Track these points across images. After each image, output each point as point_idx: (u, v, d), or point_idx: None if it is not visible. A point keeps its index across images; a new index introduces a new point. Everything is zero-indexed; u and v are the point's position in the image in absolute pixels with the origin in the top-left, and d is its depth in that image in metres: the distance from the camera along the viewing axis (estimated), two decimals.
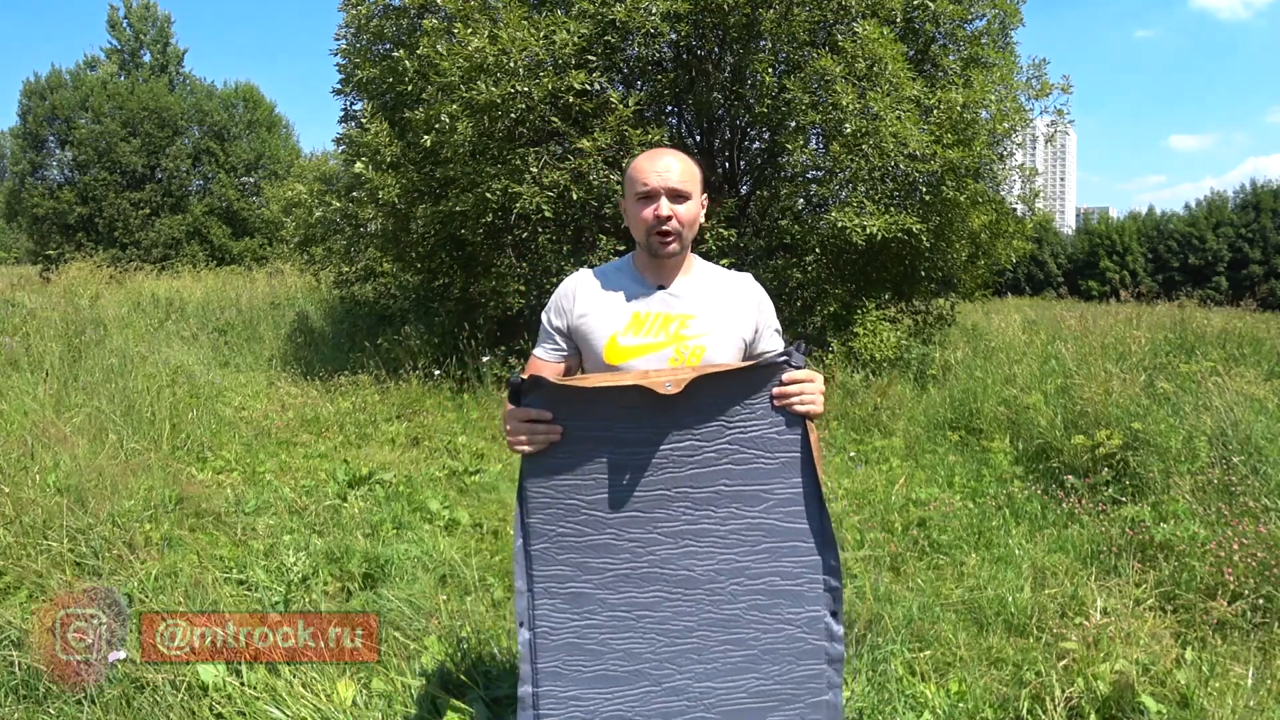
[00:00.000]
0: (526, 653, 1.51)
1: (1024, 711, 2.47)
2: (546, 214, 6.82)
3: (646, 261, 1.67)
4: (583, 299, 1.67)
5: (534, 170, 6.90)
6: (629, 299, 1.66)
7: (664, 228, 1.59)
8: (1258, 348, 7.60)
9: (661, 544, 1.49)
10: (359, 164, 7.49)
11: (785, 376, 1.47)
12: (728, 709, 1.50)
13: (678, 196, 1.60)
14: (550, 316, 1.71)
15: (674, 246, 1.61)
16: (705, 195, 1.69)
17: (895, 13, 7.61)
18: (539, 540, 1.50)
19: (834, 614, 1.50)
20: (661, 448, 1.48)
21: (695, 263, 1.72)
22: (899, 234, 7.14)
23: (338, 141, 9.02)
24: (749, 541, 1.49)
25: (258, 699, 2.31)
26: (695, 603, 1.49)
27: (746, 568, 1.49)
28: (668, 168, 1.60)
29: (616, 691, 1.50)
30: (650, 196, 1.59)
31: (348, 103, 8.99)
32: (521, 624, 1.51)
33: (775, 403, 1.47)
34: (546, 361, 1.72)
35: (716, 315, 1.65)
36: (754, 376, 1.48)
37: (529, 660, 1.51)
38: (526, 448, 1.48)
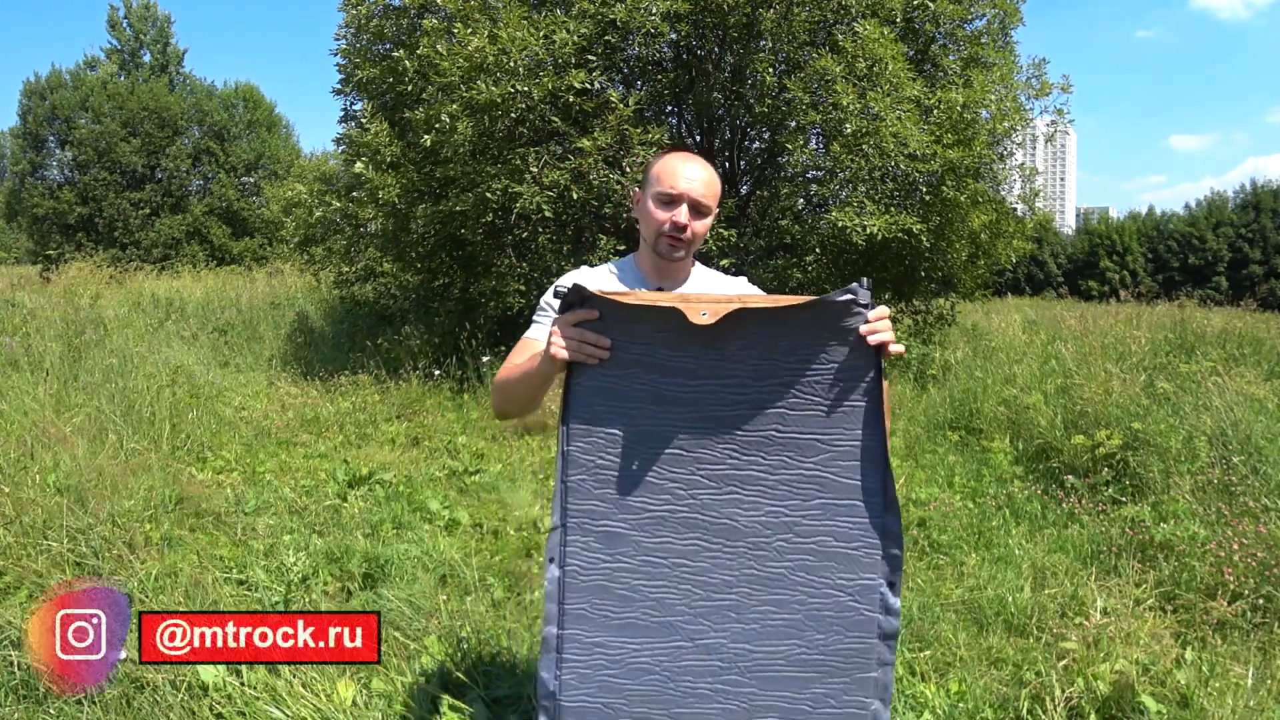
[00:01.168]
0: (554, 591, 1.41)
1: (1024, 711, 2.47)
2: (546, 214, 6.82)
3: (649, 263, 1.67)
4: None
5: (534, 170, 6.90)
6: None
7: (678, 235, 1.60)
8: (1258, 348, 7.60)
9: (704, 488, 1.38)
10: (359, 164, 7.50)
11: (872, 315, 1.32)
12: (764, 675, 1.39)
13: (698, 210, 1.60)
14: (552, 301, 1.66)
15: (681, 253, 1.63)
16: (717, 211, 1.70)
17: (895, 13, 7.61)
18: (576, 471, 1.40)
19: (891, 585, 1.37)
20: (709, 381, 1.35)
21: (695, 267, 1.74)
22: (899, 234, 7.14)
23: (338, 141, 9.03)
24: (800, 495, 1.37)
25: (258, 699, 2.31)
26: (736, 555, 1.38)
27: (796, 523, 1.37)
28: (696, 177, 1.59)
29: (645, 643, 1.40)
30: (673, 201, 1.59)
31: (348, 103, 9.00)
32: (551, 560, 1.41)
33: (865, 337, 1.32)
34: (541, 341, 1.61)
35: None
36: (814, 314, 1.32)
37: (556, 600, 1.41)
38: (578, 357, 1.36)
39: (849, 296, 1.31)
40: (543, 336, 1.59)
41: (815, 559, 1.37)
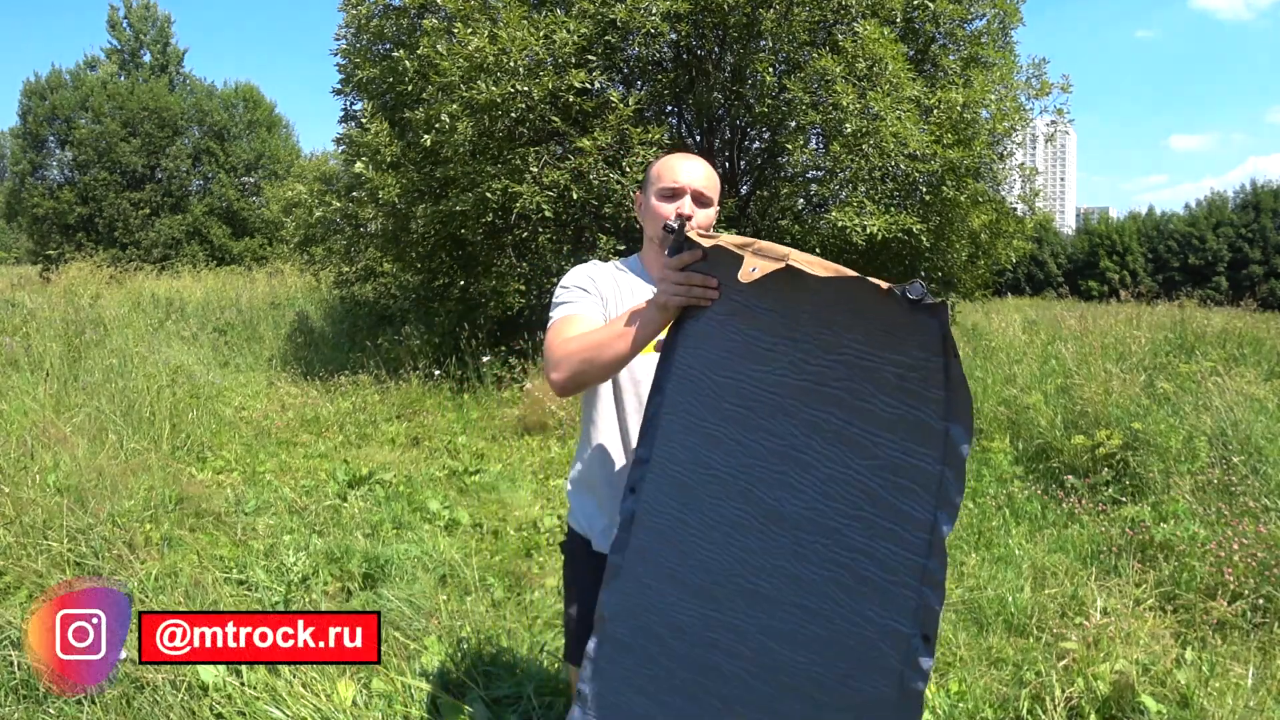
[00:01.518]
0: (626, 520, 1.38)
1: (1024, 711, 2.47)
2: (546, 214, 6.82)
3: (654, 260, 1.68)
4: (601, 285, 1.67)
5: (534, 170, 6.90)
6: (637, 294, 1.67)
7: None
8: (1258, 348, 7.60)
9: (763, 459, 1.26)
10: (359, 164, 7.50)
11: None
12: (780, 681, 1.26)
13: (701, 200, 1.64)
14: (581, 283, 1.66)
15: None
16: (718, 209, 1.72)
17: (895, 13, 7.62)
18: (670, 411, 1.34)
19: (925, 639, 1.17)
20: (783, 340, 1.24)
21: None
22: (899, 234, 7.14)
23: (338, 141, 9.04)
24: (848, 500, 1.19)
25: (258, 699, 2.31)
26: (779, 545, 1.25)
27: (838, 531, 1.20)
28: (697, 171, 1.65)
29: (685, 601, 1.33)
30: (675, 195, 1.63)
31: (348, 103, 9.01)
32: (632, 490, 1.38)
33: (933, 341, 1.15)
34: (587, 317, 1.58)
35: None
36: (870, 296, 1.15)
37: (627, 528, 1.38)
38: (692, 300, 1.32)
39: (895, 290, 1.13)
40: (587, 313, 1.58)
41: (852, 579, 1.20)
